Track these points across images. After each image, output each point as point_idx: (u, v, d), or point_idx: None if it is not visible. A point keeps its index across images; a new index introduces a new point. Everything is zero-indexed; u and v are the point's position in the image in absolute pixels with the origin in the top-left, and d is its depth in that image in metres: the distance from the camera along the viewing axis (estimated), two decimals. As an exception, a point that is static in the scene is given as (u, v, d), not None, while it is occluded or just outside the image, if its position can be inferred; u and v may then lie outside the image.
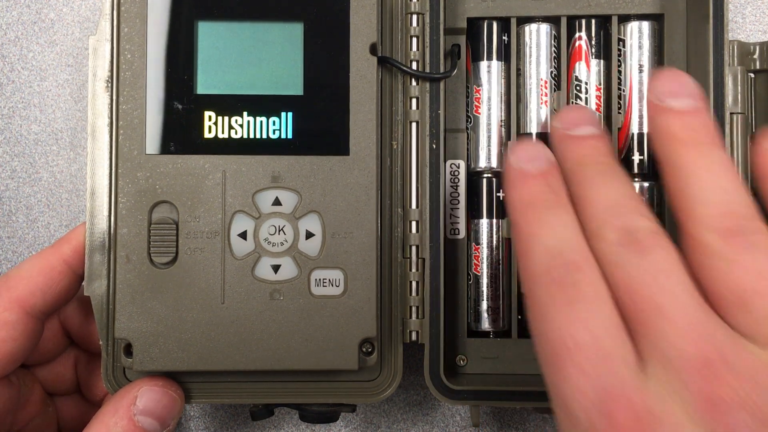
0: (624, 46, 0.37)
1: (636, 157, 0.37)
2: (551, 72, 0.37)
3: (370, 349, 0.34)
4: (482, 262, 0.37)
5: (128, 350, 0.33)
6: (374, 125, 0.34)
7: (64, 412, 0.37)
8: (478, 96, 0.38)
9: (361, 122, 0.34)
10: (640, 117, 0.37)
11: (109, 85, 0.34)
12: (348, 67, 0.34)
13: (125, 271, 0.33)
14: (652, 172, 0.37)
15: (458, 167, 0.37)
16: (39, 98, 0.41)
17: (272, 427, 0.41)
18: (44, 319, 0.34)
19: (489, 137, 0.38)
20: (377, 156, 0.34)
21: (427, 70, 0.35)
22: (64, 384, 0.37)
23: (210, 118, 0.33)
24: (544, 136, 0.37)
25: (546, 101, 0.37)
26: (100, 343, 0.34)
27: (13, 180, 0.41)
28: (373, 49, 0.34)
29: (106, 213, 0.33)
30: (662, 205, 0.37)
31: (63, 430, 0.38)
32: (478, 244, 0.38)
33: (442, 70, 0.36)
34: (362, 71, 0.34)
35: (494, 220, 0.37)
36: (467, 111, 0.38)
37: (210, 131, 0.33)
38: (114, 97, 0.33)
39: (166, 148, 0.33)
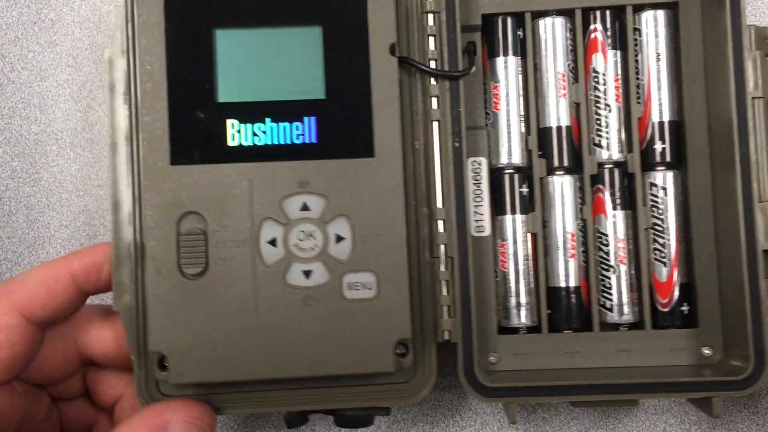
0: (640, 36, 0.37)
1: (658, 146, 0.37)
2: (568, 65, 0.37)
3: (404, 351, 0.34)
4: (509, 258, 0.37)
5: (162, 363, 0.33)
6: (398, 126, 0.33)
7: (67, 415, 0.37)
8: (496, 92, 0.38)
9: (385, 123, 0.33)
10: (660, 106, 0.37)
11: (128, 97, 0.33)
12: (369, 69, 0.33)
13: (156, 284, 0.32)
14: (675, 160, 0.37)
15: (480, 164, 0.37)
16: (39, 98, 0.41)
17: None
18: (44, 328, 0.33)
19: (509, 133, 0.38)
20: (402, 156, 0.33)
21: (446, 68, 0.35)
22: (72, 392, 0.36)
23: (233, 126, 0.33)
24: (564, 130, 0.37)
25: (564, 94, 0.37)
26: (132, 358, 0.33)
27: (13, 180, 0.40)
28: (392, 50, 0.34)
29: (131, 226, 0.33)
30: (686, 193, 0.37)
31: (64, 426, 0.37)
32: (503, 240, 0.37)
33: (460, 67, 0.35)
34: (383, 72, 0.34)
35: (518, 216, 0.37)
36: (486, 108, 0.38)
37: (234, 139, 0.33)
38: (134, 110, 0.33)
39: (190, 159, 0.33)
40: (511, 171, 0.38)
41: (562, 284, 0.37)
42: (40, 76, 0.41)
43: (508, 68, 0.38)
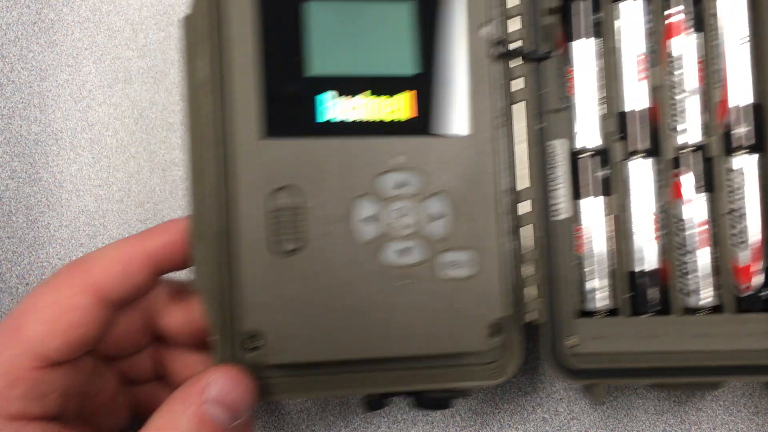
0: (719, 19, 0.37)
1: (739, 130, 0.37)
2: (647, 48, 0.37)
3: (495, 331, 0.33)
4: (587, 242, 0.37)
5: (247, 343, 0.32)
6: (491, 104, 0.33)
7: (140, 398, 0.36)
8: (575, 75, 0.37)
9: (479, 101, 0.33)
10: (741, 89, 0.37)
11: (213, 69, 0.32)
12: (463, 46, 0.33)
13: (250, 261, 0.31)
14: (756, 144, 0.37)
15: (557, 147, 0.37)
16: (39, 98, 0.40)
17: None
18: (116, 310, 0.32)
19: (587, 116, 0.37)
20: (495, 135, 0.33)
21: (527, 49, 0.35)
22: (143, 374, 0.36)
23: (327, 99, 0.32)
24: (643, 113, 0.37)
25: (644, 77, 0.37)
26: (213, 338, 0.33)
27: (13, 180, 0.40)
28: (485, 27, 0.33)
29: (216, 201, 0.32)
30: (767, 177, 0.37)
31: (136, 410, 0.37)
32: (582, 223, 0.37)
33: (542, 49, 0.35)
34: (477, 50, 0.33)
35: (597, 199, 0.37)
36: (563, 91, 0.38)
37: (328, 113, 0.32)
38: (221, 82, 0.32)
39: (282, 132, 0.32)
40: (590, 154, 0.37)
41: (641, 268, 0.37)
42: (40, 76, 0.40)
43: (586, 51, 0.37)
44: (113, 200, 0.40)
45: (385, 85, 0.33)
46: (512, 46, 0.35)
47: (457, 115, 0.33)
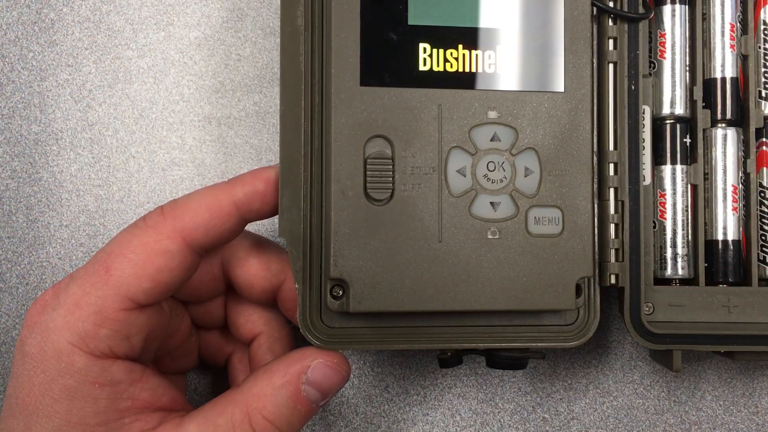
0: (813, -9, 0.37)
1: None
2: (737, 16, 0.37)
3: (579, 291, 0.33)
4: (668, 209, 0.37)
5: (333, 292, 0.32)
6: (589, 62, 0.33)
7: (205, 343, 0.37)
8: (663, 41, 0.37)
9: (576, 59, 0.33)
10: (832, 62, 0.37)
11: (306, 13, 0.32)
12: (562, 2, 0.33)
13: (341, 208, 0.31)
14: None
15: (643, 113, 0.37)
16: (39, 98, 0.40)
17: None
18: (202, 255, 0.32)
19: (674, 83, 0.37)
20: (592, 94, 0.33)
21: (624, 10, 0.35)
22: (212, 321, 0.36)
23: (425, 50, 0.32)
24: (730, 81, 0.37)
25: (732, 45, 0.37)
26: (296, 287, 0.32)
27: (13, 180, 0.39)
28: None
29: (309, 148, 0.32)
30: None
31: (204, 358, 0.37)
32: (663, 190, 0.37)
33: (638, 11, 0.35)
34: (576, 7, 0.33)
35: (679, 166, 0.37)
36: (650, 56, 0.37)
37: (425, 64, 0.32)
38: (319, 28, 0.32)
39: (380, 81, 0.32)
40: (674, 121, 0.37)
41: (721, 237, 0.37)
42: (40, 76, 0.40)
43: (675, 17, 0.37)
44: (113, 200, 0.40)
45: (483, 38, 0.32)
46: (610, 4, 0.34)
47: (553, 72, 0.32)
